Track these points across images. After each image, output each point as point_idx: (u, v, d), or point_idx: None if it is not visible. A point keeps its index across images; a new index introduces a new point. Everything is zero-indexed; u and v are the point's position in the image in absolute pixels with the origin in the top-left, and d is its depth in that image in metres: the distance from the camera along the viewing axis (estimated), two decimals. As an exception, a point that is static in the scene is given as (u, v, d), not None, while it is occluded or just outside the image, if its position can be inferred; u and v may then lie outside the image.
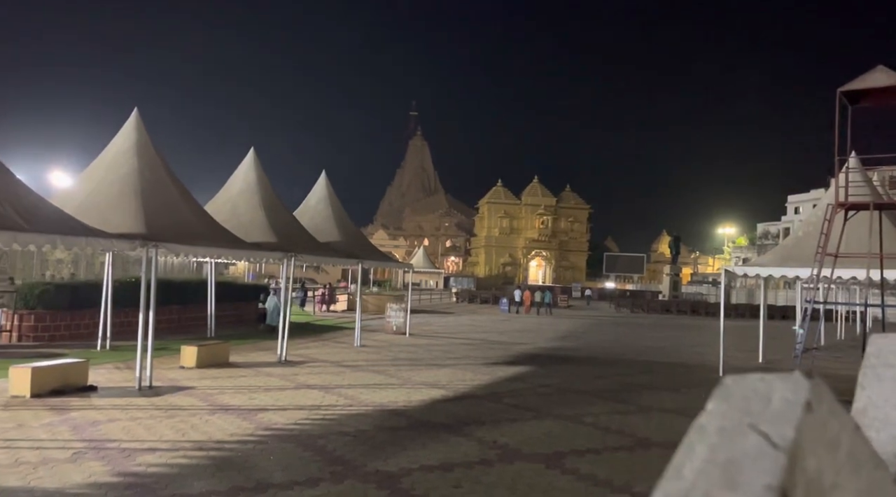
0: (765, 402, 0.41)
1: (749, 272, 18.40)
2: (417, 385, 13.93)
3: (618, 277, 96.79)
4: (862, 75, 13.38)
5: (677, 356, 21.32)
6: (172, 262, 26.99)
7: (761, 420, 0.39)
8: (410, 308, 25.46)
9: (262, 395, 12.39)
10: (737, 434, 0.38)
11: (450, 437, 9.65)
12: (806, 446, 0.38)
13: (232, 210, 18.25)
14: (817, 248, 13.94)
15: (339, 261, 21.93)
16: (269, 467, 7.93)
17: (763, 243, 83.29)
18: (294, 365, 16.23)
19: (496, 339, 25.07)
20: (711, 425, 0.40)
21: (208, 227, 15.34)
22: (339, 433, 9.65)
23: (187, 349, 15.46)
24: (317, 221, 21.70)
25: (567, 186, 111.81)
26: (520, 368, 16.92)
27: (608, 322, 38.39)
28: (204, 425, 9.85)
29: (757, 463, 0.36)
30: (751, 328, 23.49)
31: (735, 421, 0.40)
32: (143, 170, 14.26)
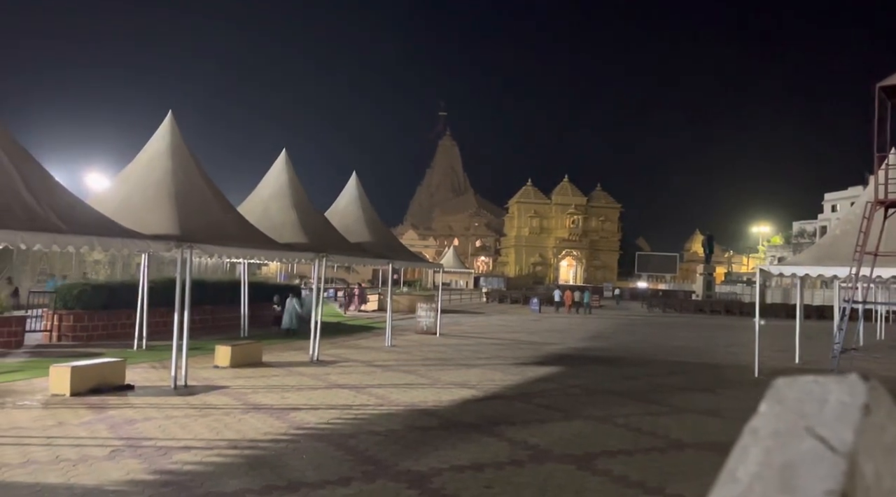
0: (820, 405, 0.40)
1: (785, 271, 18.08)
2: (447, 385, 13.94)
3: (650, 277, 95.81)
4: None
5: (710, 357, 21.03)
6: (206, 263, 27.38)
7: (818, 423, 0.38)
8: (441, 308, 25.50)
9: (295, 394, 12.50)
10: (792, 437, 0.37)
11: (480, 437, 9.64)
12: (864, 451, 0.37)
13: (264, 211, 18.45)
14: (856, 247, 13.66)
15: (369, 261, 22.06)
16: (301, 466, 8.00)
17: (799, 242, 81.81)
18: (326, 365, 16.35)
19: (526, 339, 24.99)
20: (765, 428, 0.39)
21: (241, 228, 15.53)
22: (370, 432, 9.70)
23: (221, 349, 15.66)
24: (347, 222, 21.84)
25: (598, 185, 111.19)
26: (550, 369, 16.84)
27: (640, 322, 38.04)
28: (238, 424, 9.97)
29: (815, 467, 0.35)
30: (787, 328, 23.09)
31: (790, 424, 0.39)
32: (178, 172, 14.49)
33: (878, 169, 14.17)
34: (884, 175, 13.97)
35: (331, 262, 18.78)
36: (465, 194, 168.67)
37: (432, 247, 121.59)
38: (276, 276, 55.53)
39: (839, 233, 18.37)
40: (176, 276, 13.15)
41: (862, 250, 13.54)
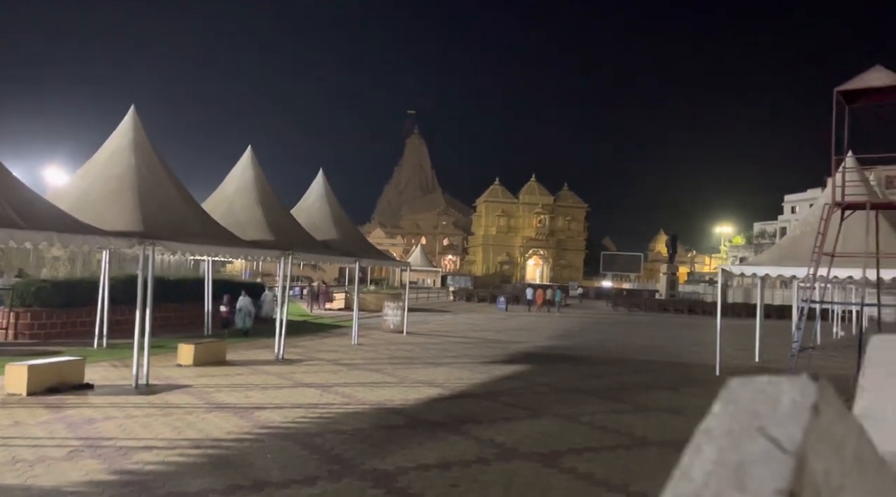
0: (772, 405, 0.41)
1: (746, 271, 18.43)
2: (414, 383, 13.93)
3: (615, 276, 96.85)
4: (860, 75, 13.40)
5: (674, 355, 21.35)
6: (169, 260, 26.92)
7: (770, 423, 0.39)
8: (408, 306, 25.47)
9: (260, 393, 12.38)
10: (745, 437, 0.38)
11: (447, 435, 9.66)
12: (813, 449, 0.38)
13: (229, 208, 18.23)
14: (814, 248, 13.97)
15: (336, 259, 21.94)
16: (266, 465, 7.93)
17: (760, 242, 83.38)
18: (291, 363, 16.23)
19: (493, 337, 25.09)
20: (719, 428, 0.40)
21: (205, 224, 15.33)
22: (337, 431, 9.65)
23: (184, 347, 15.44)
24: (314, 220, 21.69)
25: (565, 185, 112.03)
26: (517, 367, 16.94)
27: (605, 321, 38.44)
28: (201, 423, 9.85)
29: (766, 466, 0.36)
30: (747, 327, 23.54)
31: (743, 423, 0.40)
32: (141, 167, 14.25)
33: (835, 172, 14.50)
34: (841, 178, 14.31)
35: (297, 259, 18.63)
36: (434, 193, 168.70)
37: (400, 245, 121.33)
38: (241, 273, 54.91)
39: (798, 234, 18.78)
40: (138, 273, 12.93)
41: (819, 251, 13.85)
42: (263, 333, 21.08)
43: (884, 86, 13.26)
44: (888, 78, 13.12)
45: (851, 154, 16.60)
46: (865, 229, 14.05)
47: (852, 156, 16.62)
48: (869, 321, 26.72)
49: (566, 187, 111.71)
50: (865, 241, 14.02)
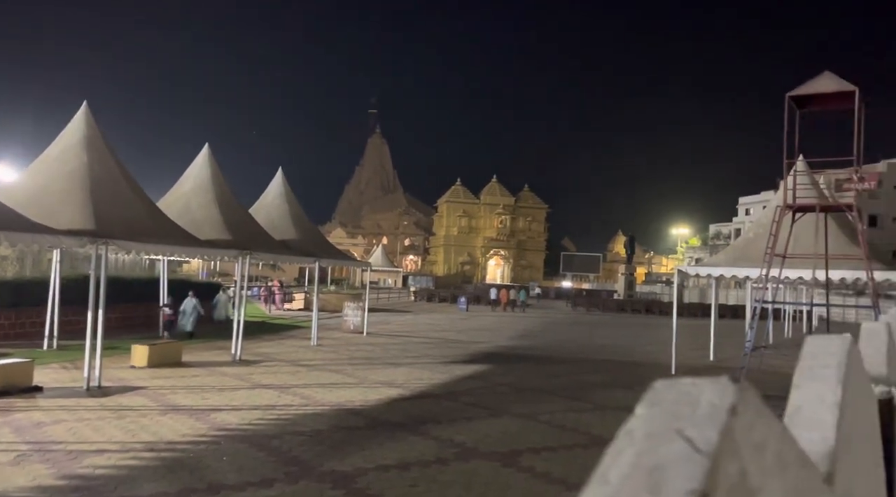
0: (692, 407, 0.41)
1: (701, 272, 18.79)
2: (374, 384, 13.88)
3: (574, 277, 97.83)
4: (809, 81, 13.76)
5: (631, 355, 21.64)
6: (124, 260, 26.34)
7: (688, 425, 0.40)
8: (368, 307, 25.35)
9: (216, 395, 12.20)
10: (663, 439, 0.39)
11: (406, 436, 9.64)
12: (730, 450, 0.39)
13: (185, 207, 17.91)
14: (766, 249, 14.30)
15: (295, 259, 21.73)
16: (221, 468, 7.81)
17: (715, 244, 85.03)
18: (249, 364, 16.02)
19: (454, 337, 25.12)
20: (640, 430, 0.40)
21: (161, 223, 15.04)
22: (295, 433, 9.56)
23: (138, 348, 15.13)
24: (273, 219, 21.44)
25: (525, 186, 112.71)
26: (477, 367, 16.99)
27: (565, 321, 38.79)
28: (155, 426, 9.66)
29: (681, 468, 0.36)
30: (703, 327, 23.98)
31: (663, 426, 0.40)
32: (93, 164, 13.91)
33: (787, 175, 14.87)
34: (792, 181, 14.67)
35: (255, 259, 18.40)
36: (395, 193, 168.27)
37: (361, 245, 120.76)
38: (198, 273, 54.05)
39: (752, 235, 19.21)
40: (90, 272, 12.63)
41: (772, 252, 14.19)
42: (221, 335, 20.76)
43: (832, 92, 13.64)
44: (836, 84, 13.50)
45: (802, 158, 17.03)
46: (815, 231, 14.45)
47: (803, 159, 17.04)
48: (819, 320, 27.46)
49: (527, 188, 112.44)
50: (815, 243, 14.41)
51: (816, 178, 18.31)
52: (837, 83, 13.55)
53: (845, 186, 15.09)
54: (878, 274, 14.64)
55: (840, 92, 13.61)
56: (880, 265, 16.16)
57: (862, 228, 14.86)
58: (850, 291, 34.83)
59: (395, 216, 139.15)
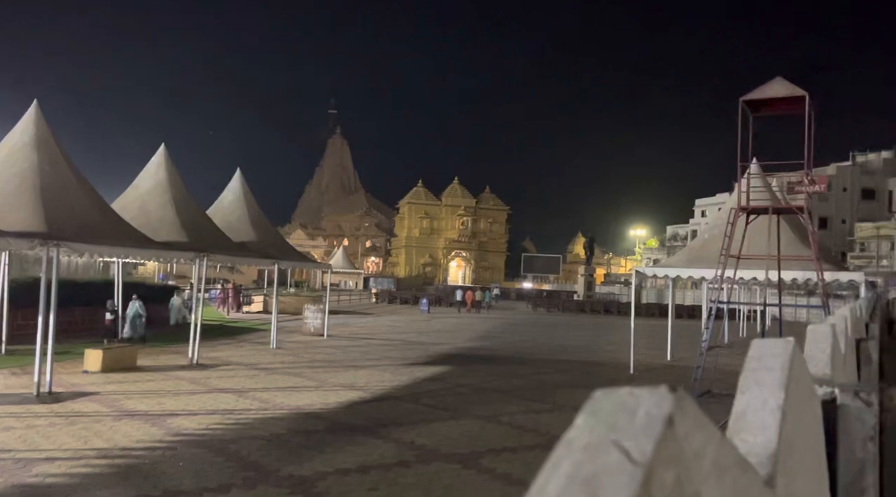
0: (630, 417, 0.42)
1: (658, 273, 19.08)
2: (335, 387, 13.78)
3: (535, 278, 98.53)
4: (762, 86, 14.09)
5: (591, 355, 21.88)
6: (76, 262, 25.72)
7: (624, 435, 0.40)
8: (329, 309, 25.16)
9: (172, 399, 11.98)
10: (600, 450, 0.39)
11: (367, 439, 9.59)
12: (665, 460, 0.39)
13: (141, 208, 17.58)
14: (721, 250, 14.59)
15: (254, 261, 21.48)
16: (177, 474, 7.67)
17: (672, 245, 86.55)
18: (206, 368, 15.77)
19: (415, 339, 25.09)
20: (578, 441, 0.41)
21: (114, 225, 14.72)
22: (253, 438, 9.44)
23: (91, 353, 14.78)
24: (231, 220, 21.15)
25: (486, 188, 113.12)
26: (438, 369, 16.99)
27: (526, 322, 39.04)
28: (108, 432, 9.44)
29: (616, 479, 0.36)
30: (661, 327, 24.38)
31: (600, 436, 0.40)
32: (44, 165, 13.54)
33: (741, 177, 15.19)
34: (746, 183, 14.99)
35: (212, 261, 18.13)
36: (356, 194, 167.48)
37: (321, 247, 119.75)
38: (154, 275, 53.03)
39: (707, 237, 19.58)
40: (41, 275, 12.29)
41: (726, 254, 14.47)
42: (177, 339, 20.39)
43: (784, 96, 13.99)
44: (787, 89, 13.84)
45: (756, 161, 17.41)
46: (768, 233, 14.79)
47: (756, 162, 17.43)
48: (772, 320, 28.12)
49: (488, 190, 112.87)
50: (768, 244, 14.75)
51: (769, 180, 18.75)
52: (788, 88, 13.90)
53: (797, 189, 15.47)
54: (827, 274, 15.05)
55: (791, 97, 13.96)
56: (830, 266, 16.62)
57: (812, 230, 15.26)
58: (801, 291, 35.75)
59: (356, 217, 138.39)
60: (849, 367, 1.96)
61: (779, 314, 17.06)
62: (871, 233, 63.76)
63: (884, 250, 63.40)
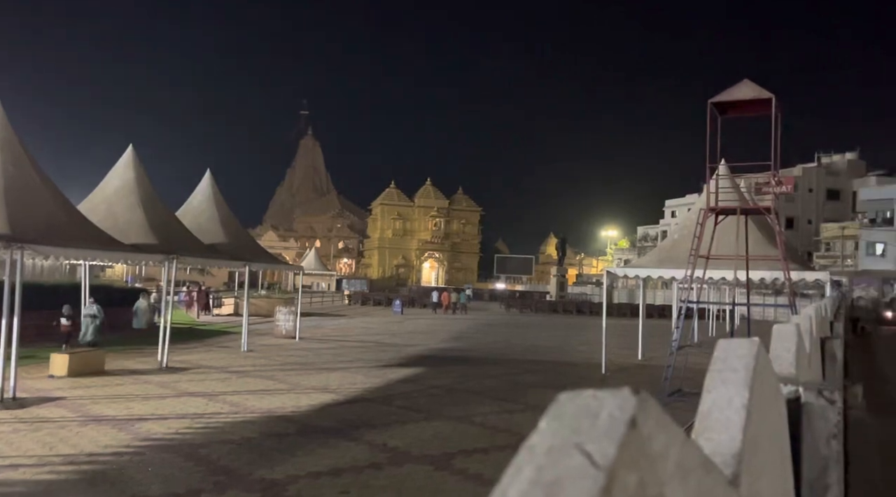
0: (593, 420, 0.42)
1: (629, 273, 19.27)
2: (307, 390, 13.69)
3: (508, 278, 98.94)
4: (730, 88, 14.30)
5: (563, 355, 22.01)
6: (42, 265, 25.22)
7: (587, 439, 0.40)
8: (301, 311, 25.00)
9: (141, 404, 11.80)
10: (563, 454, 0.39)
11: (339, 441, 9.54)
12: (628, 462, 0.39)
13: (108, 210, 17.29)
14: (690, 251, 14.77)
15: (224, 263, 21.25)
16: (146, 480, 7.56)
17: (643, 245, 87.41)
18: (176, 372, 15.57)
19: (388, 341, 25.02)
20: (541, 445, 0.40)
21: (81, 227, 14.46)
22: (224, 441, 9.34)
23: (57, 357, 14.51)
24: (200, 222, 20.90)
25: (459, 189, 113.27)
26: (411, 370, 16.96)
27: (499, 322, 39.15)
28: (75, 438, 9.27)
29: (578, 483, 0.36)
30: (632, 326, 24.59)
31: (563, 440, 0.40)
32: (7, 166, 13.23)
33: (709, 179, 15.39)
34: (714, 184, 15.20)
35: (182, 264, 17.90)
36: (328, 195, 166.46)
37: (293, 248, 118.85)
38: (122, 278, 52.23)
39: (677, 237, 19.82)
40: (4, 278, 12.02)
41: (696, 254, 14.65)
42: (145, 342, 20.08)
43: (751, 98, 14.21)
44: (754, 91, 14.06)
45: (724, 162, 17.66)
46: (736, 233, 15.00)
47: (725, 164, 17.68)
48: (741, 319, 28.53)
49: (461, 191, 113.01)
50: (736, 245, 14.96)
51: (737, 181, 19.02)
52: (755, 90, 14.12)
53: (764, 190, 15.71)
54: (794, 274, 15.32)
55: (758, 99, 14.18)
56: (796, 265, 16.92)
57: (779, 230, 15.52)
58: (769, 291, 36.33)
59: (328, 219, 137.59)
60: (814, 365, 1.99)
61: (747, 313, 17.30)
62: (836, 233, 65.09)
63: (848, 250, 64.76)
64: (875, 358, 21.01)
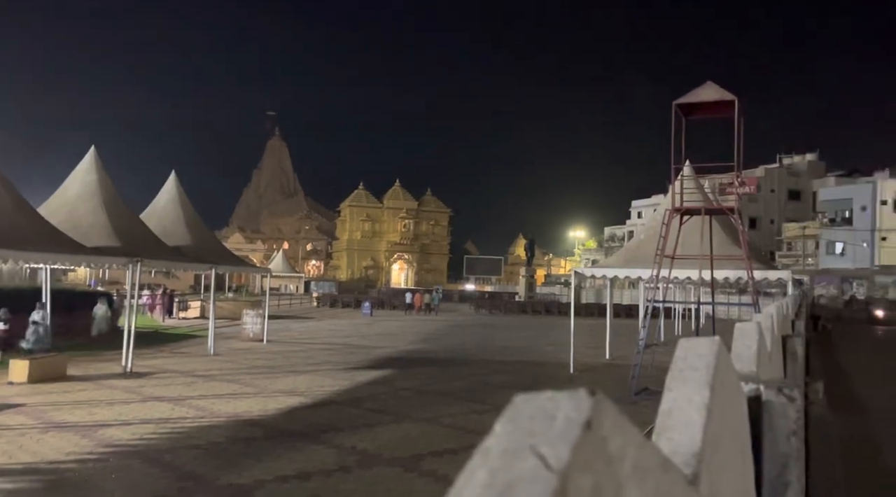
0: (549, 422, 0.41)
1: (596, 273, 19.44)
2: (274, 393, 13.55)
3: (477, 279, 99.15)
4: (694, 90, 14.51)
5: (532, 355, 22.11)
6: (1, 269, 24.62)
7: (542, 441, 0.39)
8: (269, 314, 24.75)
9: (104, 409, 11.58)
10: (517, 457, 0.38)
11: (307, 445, 9.46)
12: (582, 465, 0.38)
13: (70, 213, 16.95)
14: (656, 251, 14.94)
15: (190, 266, 20.97)
16: (109, 487, 7.42)
17: (610, 245, 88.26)
18: (141, 376, 15.31)
19: (357, 343, 24.90)
20: (496, 448, 0.40)
21: (41, 230, 14.16)
22: (190, 447, 9.20)
23: (17, 363, 14.16)
24: (165, 224, 20.60)
25: (428, 190, 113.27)
26: (380, 372, 16.90)
27: (468, 323, 39.20)
28: (35, 445, 9.05)
29: (531, 487, 0.35)
30: (600, 326, 24.79)
31: (518, 443, 0.40)
32: (-36, 167, 12.93)
33: (674, 179, 15.60)
34: (679, 185, 15.41)
35: (146, 267, 17.60)
36: (296, 196, 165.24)
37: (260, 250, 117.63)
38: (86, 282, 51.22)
39: (643, 238, 20.04)
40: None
41: (661, 254, 14.84)
42: (112, 346, 19.71)
43: (714, 100, 14.43)
44: (717, 93, 14.29)
45: (689, 163, 17.91)
46: (700, 233, 15.22)
47: (689, 165, 17.92)
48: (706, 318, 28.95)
49: (430, 192, 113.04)
50: (700, 244, 15.18)
51: (702, 182, 19.30)
52: (718, 92, 14.35)
53: (727, 190, 15.96)
54: (757, 273, 15.59)
55: (721, 101, 14.41)
56: (759, 265, 17.22)
57: (743, 230, 15.79)
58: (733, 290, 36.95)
59: (296, 220, 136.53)
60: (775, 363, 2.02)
61: (712, 312, 17.56)
62: (798, 232, 66.43)
63: (809, 249, 66.15)
64: (836, 355, 21.49)
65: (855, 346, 25.94)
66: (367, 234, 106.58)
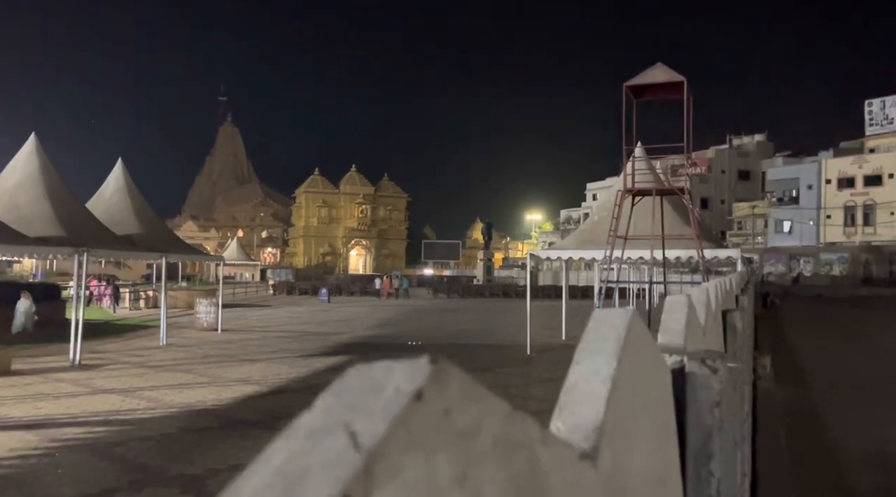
0: (377, 395, 0.36)
1: (552, 255, 19.59)
2: (228, 382, 13.35)
3: (436, 264, 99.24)
4: (644, 72, 14.63)
5: (490, 337, 22.21)
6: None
7: (361, 416, 0.34)
8: (223, 302, 24.35)
9: (51, 403, 11.26)
10: (327, 436, 0.34)
11: (262, 433, 9.34)
12: (405, 442, 0.34)
13: (10, 202, 16.36)
14: (609, 232, 15.10)
15: (140, 255, 20.49)
16: (55, 482, 7.21)
17: (566, 228, 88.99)
18: (90, 369, 14.93)
19: (315, 330, 24.70)
20: (306, 426, 0.34)
21: (-20, 220, 13.64)
22: (140, 438, 9.00)
23: (-42, 359, 13.67)
24: (113, 214, 20.04)
25: (385, 175, 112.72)
26: (338, 358, 16.78)
27: (427, 308, 39.21)
28: (-24, 443, 8.75)
29: (329, 471, 0.31)
30: (556, 307, 25.01)
31: (332, 420, 0.34)
32: None
33: (626, 161, 15.75)
34: (631, 166, 15.56)
35: (94, 256, 17.12)
36: (250, 183, 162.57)
37: (214, 238, 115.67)
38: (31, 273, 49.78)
39: (597, 219, 20.24)
40: None
41: (614, 234, 15.00)
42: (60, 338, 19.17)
43: (664, 82, 14.58)
44: (667, 75, 14.44)
45: (640, 145, 18.09)
46: (652, 214, 15.42)
47: (641, 146, 18.11)
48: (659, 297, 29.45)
49: (386, 177, 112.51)
50: (652, 225, 15.38)
51: (654, 163, 19.55)
52: (668, 74, 14.49)
53: (679, 171, 16.20)
54: (707, 252, 15.87)
55: (671, 82, 14.56)
56: (710, 244, 17.55)
57: (693, 210, 16.04)
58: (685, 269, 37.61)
59: (250, 208, 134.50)
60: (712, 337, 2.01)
61: (664, 291, 17.85)
62: (747, 212, 67.92)
63: (759, 228, 67.72)
64: (783, 330, 22.08)
65: (801, 321, 26.68)
66: (323, 220, 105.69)
